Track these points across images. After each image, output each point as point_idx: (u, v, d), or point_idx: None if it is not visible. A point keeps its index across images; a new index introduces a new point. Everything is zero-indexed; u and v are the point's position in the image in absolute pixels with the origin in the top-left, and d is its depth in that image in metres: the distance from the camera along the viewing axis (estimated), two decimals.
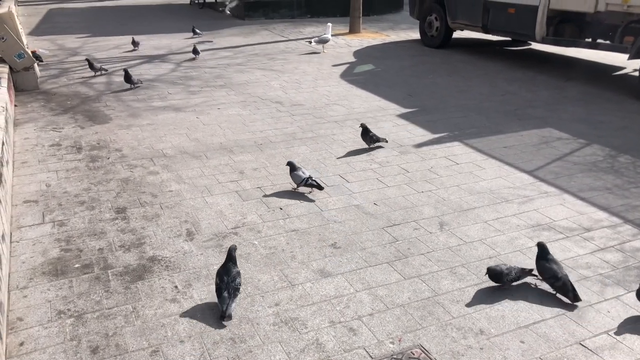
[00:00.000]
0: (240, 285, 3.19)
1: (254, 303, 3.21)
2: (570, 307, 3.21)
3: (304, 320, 3.07)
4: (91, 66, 8.16)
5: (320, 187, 4.57)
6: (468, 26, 10.02)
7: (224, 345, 2.87)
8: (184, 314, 3.10)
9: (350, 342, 2.91)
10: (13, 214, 4.15)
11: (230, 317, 3.05)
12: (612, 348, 2.90)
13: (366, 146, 5.60)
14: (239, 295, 3.20)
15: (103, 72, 8.17)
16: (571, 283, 3.26)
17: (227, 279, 3.13)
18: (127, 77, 7.54)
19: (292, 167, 4.58)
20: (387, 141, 5.65)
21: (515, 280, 3.36)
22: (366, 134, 5.50)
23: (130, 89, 7.60)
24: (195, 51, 9.53)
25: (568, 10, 8.15)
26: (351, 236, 3.96)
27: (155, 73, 8.56)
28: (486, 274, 3.35)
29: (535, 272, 3.39)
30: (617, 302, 3.27)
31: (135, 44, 10.14)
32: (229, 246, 3.70)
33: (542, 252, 3.39)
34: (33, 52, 7.98)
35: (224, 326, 3.00)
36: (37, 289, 3.29)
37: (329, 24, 9.53)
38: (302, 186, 4.57)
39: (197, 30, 11.73)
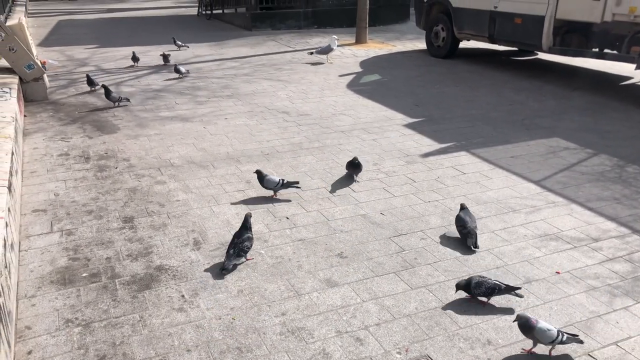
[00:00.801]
0: (248, 248, 3.65)
1: (260, 312, 3.21)
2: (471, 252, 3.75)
3: (310, 330, 3.07)
4: (90, 82, 7.91)
5: (297, 185, 4.72)
6: (474, 36, 10.04)
7: (231, 354, 2.87)
8: (191, 323, 3.10)
9: (357, 352, 2.90)
10: (22, 223, 4.18)
11: (227, 271, 3.56)
12: (621, 359, 2.87)
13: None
14: (243, 257, 3.68)
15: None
16: (475, 234, 3.96)
17: (236, 241, 3.62)
18: (107, 94, 7.19)
19: (261, 175, 4.60)
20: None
21: (486, 295, 3.28)
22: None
23: (116, 106, 7.31)
24: (165, 58, 9.88)
25: (575, 20, 8.16)
26: (358, 246, 3.96)
27: (163, 83, 8.63)
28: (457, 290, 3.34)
29: (519, 292, 3.32)
30: (625, 313, 3.24)
31: (135, 59, 9.76)
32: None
33: (462, 209, 4.12)
34: (43, 64, 8.08)
35: (231, 337, 3.00)
36: (45, 297, 3.30)
37: (335, 36, 9.40)
38: (279, 189, 4.64)
39: (179, 42, 11.74)
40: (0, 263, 2.80)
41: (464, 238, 3.98)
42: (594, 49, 8.29)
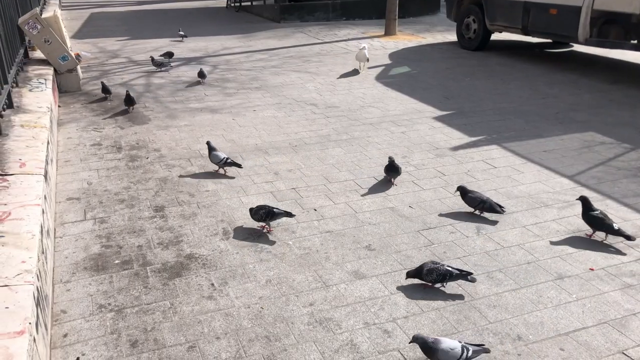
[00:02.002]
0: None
1: (288, 302, 3.23)
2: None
3: (338, 321, 3.07)
4: (105, 90, 7.22)
5: (239, 165, 4.91)
6: (507, 28, 9.84)
7: (259, 343, 2.90)
8: (220, 311, 3.14)
9: (384, 344, 2.89)
10: (57, 211, 4.29)
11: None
12: None
13: None
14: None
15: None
16: (493, 201, 4.16)
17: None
18: (105, 89, 6.95)
19: (210, 148, 4.94)
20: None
21: (440, 281, 3.29)
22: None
23: (106, 98, 7.20)
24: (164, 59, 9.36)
25: (613, 11, 7.92)
26: (386, 238, 3.94)
27: (192, 75, 8.71)
28: (406, 276, 3.35)
29: (471, 277, 3.32)
30: None
31: (157, 64, 8.96)
32: (263, 245, 3.75)
33: (464, 191, 4.28)
34: (76, 55, 8.23)
35: (259, 326, 3.03)
36: (79, 283, 3.39)
37: (364, 45, 8.75)
38: (221, 166, 4.91)
39: (181, 32, 11.79)
40: (38, 248, 2.88)
41: (490, 211, 4.14)
42: (632, 41, 8.03)
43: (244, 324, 3.04)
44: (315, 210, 4.35)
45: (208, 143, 5.00)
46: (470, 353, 2.68)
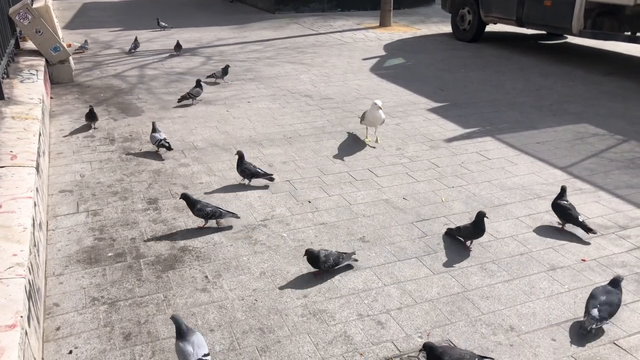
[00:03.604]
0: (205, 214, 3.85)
1: (282, 294, 3.23)
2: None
3: (332, 313, 3.08)
4: (91, 116, 5.87)
5: (170, 148, 5.15)
6: (502, 19, 9.83)
7: (253, 335, 2.90)
8: (214, 304, 3.14)
9: (378, 335, 2.91)
10: (49, 203, 4.27)
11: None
12: None
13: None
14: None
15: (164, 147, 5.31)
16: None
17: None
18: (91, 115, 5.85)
19: (153, 129, 5.24)
20: (272, 179, 4.64)
21: (336, 265, 3.36)
22: (240, 165, 4.54)
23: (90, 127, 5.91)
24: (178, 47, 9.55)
25: (607, 2, 7.91)
26: (380, 230, 3.94)
27: (186, 66, 8.66)
28: (304, 255, 3.34)
29: (355, 255, 3.44)
30: None
31: (178, 47, 9.39)
32: (257, 237, 3.75)
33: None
34: (68, 46, 8.16)
35: (253, 318, 3.03)
36: (72, 276, 3.37)
37: (377, 102, 5.26)
38: (158, 146, 5.15)
39: (162, 23, 11.81)
40: (30, 241, 2.87)
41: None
42: (626, 33, 8.05)
43: (238, 316, 3.04)
44: (310, 202, 4.35)
45: (153, 123, 5.32)
46: None
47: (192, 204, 3.87)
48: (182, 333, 2.59)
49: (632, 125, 6.06)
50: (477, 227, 3.62)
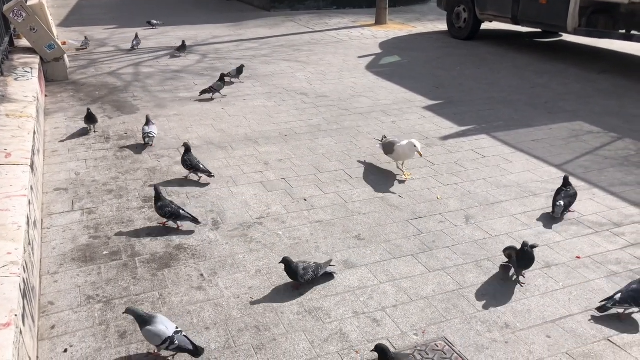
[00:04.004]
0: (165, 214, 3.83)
1: (278, 292, 3.23)
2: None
3: (327, 311, 3.08)
4: (90, 118, 5.64)
5: (147, 144, 5.33)
6: (497, 17, 9.84)
7: (249, 332, 2.90)
8: (210, 302, 3.14)
9: (373, 333, 2.91)
10: (44, 202, 4.25)
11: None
12: None
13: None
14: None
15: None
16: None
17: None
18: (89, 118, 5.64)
19: (147, 121, 5.41)
20: (212, 176, 4.62)
21: (315, 278, 3.23)
22: (184, 156, 4.60)
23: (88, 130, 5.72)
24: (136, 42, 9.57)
25: (602, 0, 7.93)
26: (375, 228, 3.95)
27: (182, 64, 8.64)
28: (280, 262, 3.22)
29: (332, 263, 3.36)
30: None
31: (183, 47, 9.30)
32: (253, 235, 3.74)
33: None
34: (63, 44, 8.12)
35: (249, 316, 3.03)
36: (67, 274, 3.37)
37: (414, 142, 4.54)
38: (144, 139, 5.34)
39: (154, 21, 11.77)
40: (25, 240, 2.86)
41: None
42: (620, 31, 8.07)
43: (234, 314, 3.04)
44: (305, 200, 4.35)
45: (147, 117, 5.46)
46: (174, 346, 2.61)
47: (157, 199, 3.86)
48: (145, 320, 2.65)
49: (627, 123, 6.08)
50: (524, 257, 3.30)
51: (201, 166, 4.57)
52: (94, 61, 8.80)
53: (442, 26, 11.96)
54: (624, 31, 8.04)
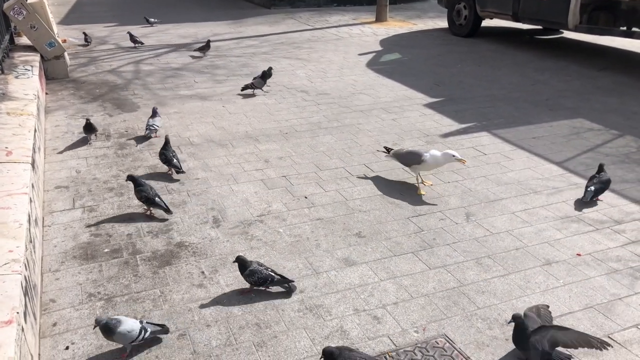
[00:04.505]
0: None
1: (279, 289, 3.24)
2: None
3: (328, 308, 3.09)
4: (88, 128, 5.35)
5: (148, 137, 5.49)
6: (498, 14, 9.82)
7: (250, 330, 2.91)
8: (211, 299, 3.14)
9: (374, 330, 2.92)
10: (45, 199, 4.26)
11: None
12: None
13: None
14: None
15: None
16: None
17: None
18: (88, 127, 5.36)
19: (153, 113, 5.59)
20: (183, 172, 4.70)
21: (260, 285, 3.17)
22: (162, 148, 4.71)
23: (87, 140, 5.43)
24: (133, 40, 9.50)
25: None
26: (376, 225, 3.95)
27: (182, 62, 8.63)
28: (234, 261, 3.23)
29: (292, 285, 3.22)
30: None
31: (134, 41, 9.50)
32: (254, 233, 3.75)
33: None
34: (63, 42, 8.12)
35: (250, 313, 3.04)
36: (68, 272, 3.37)
37: (452, 152, 4.26)
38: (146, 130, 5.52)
39: (152, 19, 11.71)
40: (26, 237, 2.86)
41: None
42: (621, 28, 8.06)
43: (235, 312, 3.05)
44: (306, 197, 4.35)
45: (154, 108, 5.66)
46: (147, 334, 2.71)
47: (136, 185, 4.00)
48: (112, 325, 2.67)
49: (627, 120, 6.08)
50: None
51: (174, 161, 4.64)
52: (94, 59, 8.79)
53: (443, 23, 11.95)
54: (624, 28, 8.03)
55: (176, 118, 6.11)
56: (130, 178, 4.03)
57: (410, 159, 4.46)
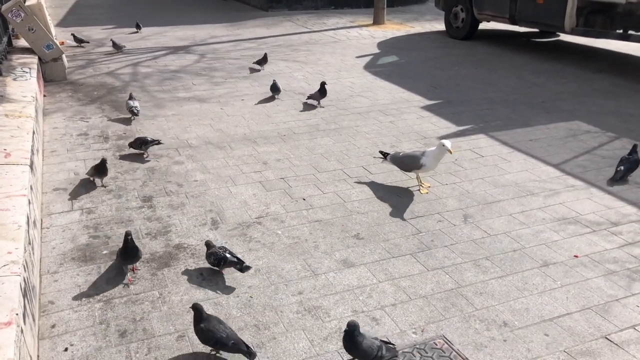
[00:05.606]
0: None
1: (277, 291, 3.24)
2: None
3: (327, 309, 3.10)
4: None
5: (136, 115, 5.99)
6: (495, 17, 9.87)
7: (248, 331, 2.91)
8: (209, 301, 3.15)
9: (373, 331, 2.93)
10: (43, 201, 4.26)
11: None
12: (638, 342, 2.86)
13: None
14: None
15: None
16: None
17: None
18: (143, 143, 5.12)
19: (129, 97, 6.03)
20: (160, 143, 5.13)
21: (217, 265, 3.32)
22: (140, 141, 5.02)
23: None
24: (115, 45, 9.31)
25: (599, 0, 7.97)
26: (374, 227, 3.96)
27: (180, 64, 8.64)
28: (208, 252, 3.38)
29: (245, 267, 3.32)
30: None
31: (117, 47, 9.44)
32: (252, 235, 3.76)
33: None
34: (61, 44, 8.12)
35: (248, 315, 3.05)
36: (67, 273, 3.37)
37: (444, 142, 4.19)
38: (129, 112, 5.97)
39: (140, 26, 11.44)
40: (25, 239, 2.87)
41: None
42: (618, 31, 8.11)
43: (233, 313, 3.06)
44: (304, 199, 4.36)
45: (130, 94, 6.15)
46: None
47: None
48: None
49: (624, 123, 6.11)
50: None
51: (149, 139, 5.00)
52: (92, 61, 8.79)
53: (440, 26, 11.99)
54: (621, 31, 8.08)
55: (174, 120, 6.11)
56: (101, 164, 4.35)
57: (409, 164, 4.42)
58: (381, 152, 4.74)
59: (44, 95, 6.85)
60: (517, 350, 2.80)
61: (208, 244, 3.44)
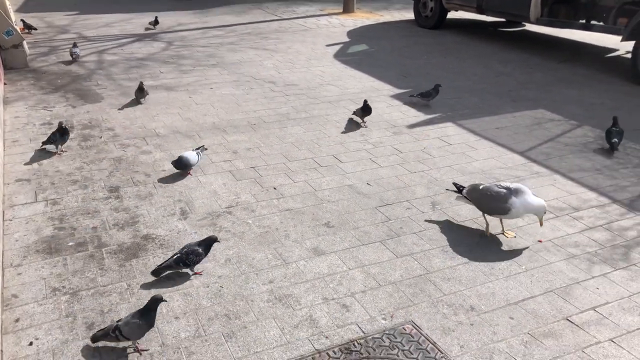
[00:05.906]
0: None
1: (248, 280, 3.24)
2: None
3: (297, 297, 3.11)
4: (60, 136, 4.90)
5: (75, 60, 6.32)
6: (463, 6, 9.95)
7: (219, 321, 2.91)
8: (179, 291, 3.13)
9: (343, 318, 2.96)
10: (5, 193, 4.14)
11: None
12: (598, 323, 2.97)
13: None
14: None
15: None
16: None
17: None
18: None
19: (74, 45, 5.95)
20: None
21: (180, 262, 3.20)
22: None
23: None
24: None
25: None
26: (344, 215, 3.99)
27: (147, 52, 8.47)
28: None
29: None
30: (604, 280, 3.34)
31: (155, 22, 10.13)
32: (222, 224, 3.74)
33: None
34: (21, 30, 7.84)
35: (219, 304, 3.04)
36: (31, 266, 3.30)
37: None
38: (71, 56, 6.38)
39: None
40: None
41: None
42: (581, 21, 8.28)
43: (204, 303, 3.04)
44: (275, 188, 4.35)
45: (74, 43, 6.18)
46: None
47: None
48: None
49: (586, 111, 6.28)
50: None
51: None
52: (54, 48, 8.54)
53: (409, 15, 12.04)
54: (584, 21, 8.26)
55: (141, 109, 6.00)
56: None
57: (493, 208, 3.64)
58: (455, 185, 3.98)
59: (5, 84, 6.63)
60: (483, 334, 2.88)
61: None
